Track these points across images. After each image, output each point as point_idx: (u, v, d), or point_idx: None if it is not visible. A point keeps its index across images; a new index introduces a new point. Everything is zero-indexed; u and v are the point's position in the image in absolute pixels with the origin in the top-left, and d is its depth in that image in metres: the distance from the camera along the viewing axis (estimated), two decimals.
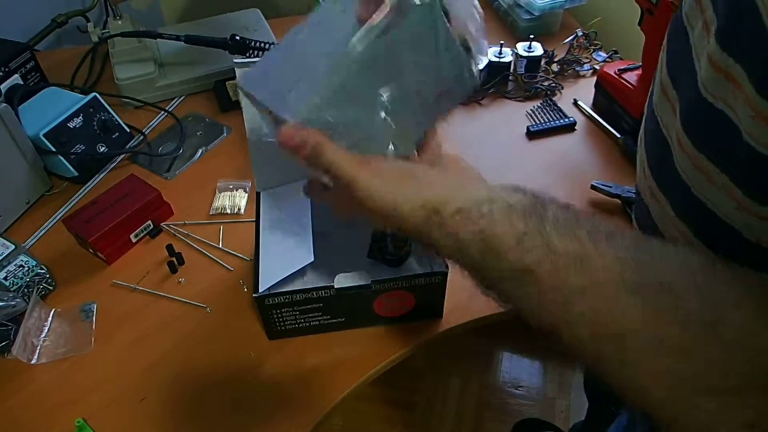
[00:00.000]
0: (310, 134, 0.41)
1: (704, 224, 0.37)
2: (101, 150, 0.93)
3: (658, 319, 0.31)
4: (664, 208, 0.42)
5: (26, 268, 0.75)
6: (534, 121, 0.99)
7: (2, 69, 0.96)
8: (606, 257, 0.34)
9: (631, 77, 0.93)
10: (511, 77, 1.06)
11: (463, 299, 0.72)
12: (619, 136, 0.93)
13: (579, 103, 1.01)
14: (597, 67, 1.06)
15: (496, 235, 0.37)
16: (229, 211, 0.86)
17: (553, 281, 0.35)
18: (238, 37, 1.01)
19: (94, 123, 0.93)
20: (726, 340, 0.29)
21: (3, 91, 0.94)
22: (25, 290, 0.74)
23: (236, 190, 0.88)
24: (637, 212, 0.49)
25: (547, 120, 0.98)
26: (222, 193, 0.88)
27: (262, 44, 1.03)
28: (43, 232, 0.86)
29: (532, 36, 1.05)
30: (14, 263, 0.75)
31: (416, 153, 0.50)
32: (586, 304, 0.33)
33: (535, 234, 0.36)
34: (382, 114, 0.46)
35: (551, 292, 0.35)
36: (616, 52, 1.08)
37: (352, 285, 0.64)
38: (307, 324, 0.69)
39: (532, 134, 0.97)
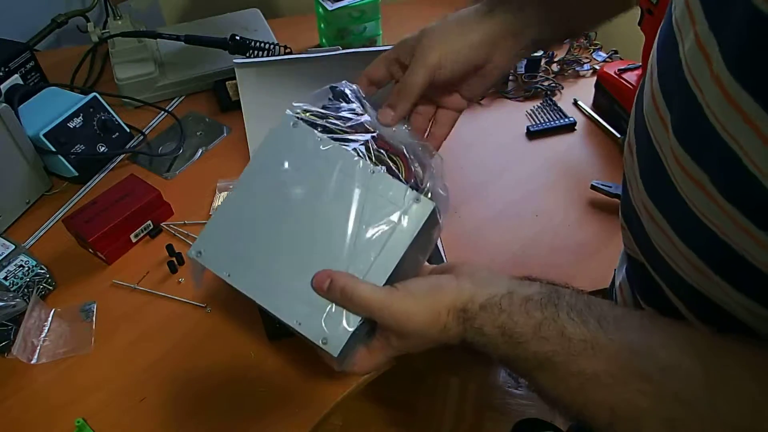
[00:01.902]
0: (337, 277, 0.45)
1: (705, 244, 0.37)
2: (101, 150, 0.93)
3: (667, 402, 0.34)
4: (657, 220, 0.41)
5: (26, 268, 0.75)
6: (534, 121, 0.99)
7: (2, 69, 0.96)
8: (615, 343, 0.37)
9: (631, 77, 0.93)
10: (511, 77, 1.06)
11: None
12: (619, 136, 0.93)
13: (579, 103, 1.01)
14: (597, 67, 1.06)
15: (516, 327, 0.40)
16: None
17: (570, 367, 0.37)
18: (238, 37, 1.01)
19: (94, 123, 0.93)
20: (733, 417, 0.32)
21: (3, 91, 0.94)
22: (25, 290, 0.74)
23: None
24: (634, 230, 0.48)
25: (547, 120, 0.98)
26: (222, 193, 0.88)
27: (262, 44, 1.03)
28: (43, 232, 0.86)
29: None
30: (14, 263, 0.75)
31: None
32: (601, 391, 0.36)
33: (550, 322, 0.39)
34: None
35: (570, 378, 0.37)
36: (616, 52, 1.08)
37: None
38: None
39: (532, 134, 0.97)
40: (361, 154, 0.50)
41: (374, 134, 0.51)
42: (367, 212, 0.48)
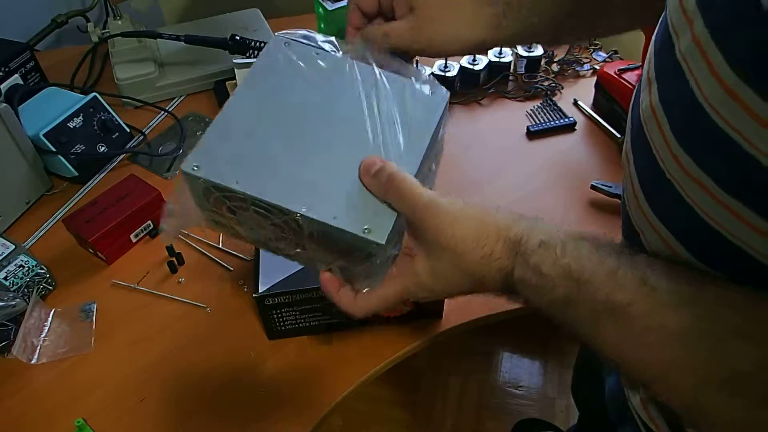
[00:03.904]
0: (387, 163, 0.41)
1: (712, 249, 0.35)
2: (101, 150, 0.93)
3: None
4: (660, 233, 0.40)
5: (26, 268, 0.75)
6: (534, 121, 0.99)
7: (2, 69, 0.96)
8: (708, 299, 0.32)
9: (631, 77, 0.92)
10: (511, 77, 1.06)
11: (463, 299, 0.72)
12: (619, 136, 0.93)
13: (579, 103, 1.01)
14: (597, 67, 1.06)
15: (585, 270, 0.35)
16: None
17: (651, 321, 0.32)
18: (238, 37, 1.01)
19: (94, 123, 0.93)
20: None
21: (3, 91, 0.94)
22: (25, 290, 0.74)
23: None
24: (627, 233, 0.46)
25: (547, 120, 0.98)
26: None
27: (262, 44, 1.03)
28: (43, 232, 0.86)
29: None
30: (14, 263, 0.75)
31: None
32: (688, 351, 0.31)
33: (628, 269, 0.34)
34: None
35: (647, 333, 0.32)
36: (616, 52, 1.08)
37: None
38: (307, 324, 0.69)
39: (532, 134, 0.97)
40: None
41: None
42: (383, 108, 0.45)
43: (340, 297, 0.44)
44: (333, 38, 0.50)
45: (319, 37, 0.50)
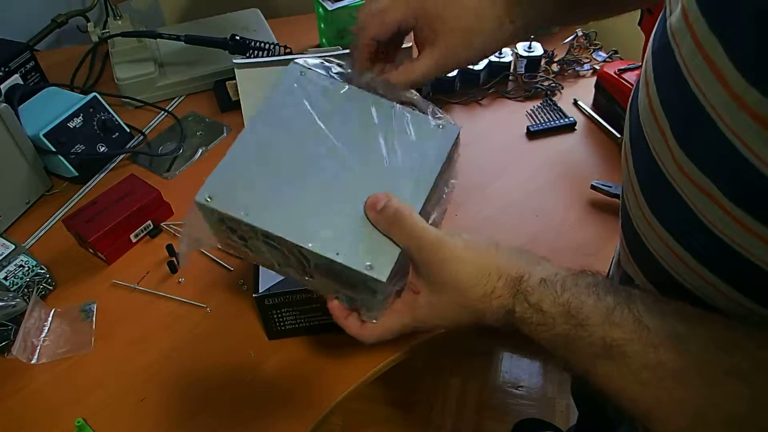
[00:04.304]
0: (394, 199, 0.42)
1: (715, 254, 0.35)
2: (101, 150, 0.93)
3: (765, 403, 0.30)
4: (660, 234, 0.40)
5: (26, 268, 0.75)
6: (534, 121, 0.99)
7: (2, 69, 0.96)
8: (701, 340, 0.33)
9: (631, 77, 0.92)
10: (511, 77, 1.06)
11: None
12: (619, 136, 0.93)
13: (579, 103, 1.01)
14: (597, 67, 1.06)
15: (583, 307, 0.36)
16: None
17: (646, 359, 0.33)
18: (238, 37, 1.01)
19: (94, 123, 0.93)
20: None
21: (3, 91, 0.94)
22: (25, 290, 0.74)
23: None
24: (633, 248, 0.46)
25: (547, 120, 0.98)
26: None
27: (262, 44, 1.03)
28: (43, 232, 0.86)
29: (532, 36, 1.05)
30: (14, 263, 0.75)
31: None
32: (683, 389, 0.32)
33: (624, 308, 0.35)
34: None
35: (643, 371, 0.33)
36: (616, 52, 1.08)
37: None
38: (307, 324, 0.69)
39: (532, 134, 0.97)
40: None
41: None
42: (394, 143, 0.46)
43: (348, 324, 0.46)
44: (347, 65, 0.51)
45: (335, 67, 0.51)
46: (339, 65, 0.51)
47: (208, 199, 0.44)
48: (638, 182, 0.42)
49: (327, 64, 0.51)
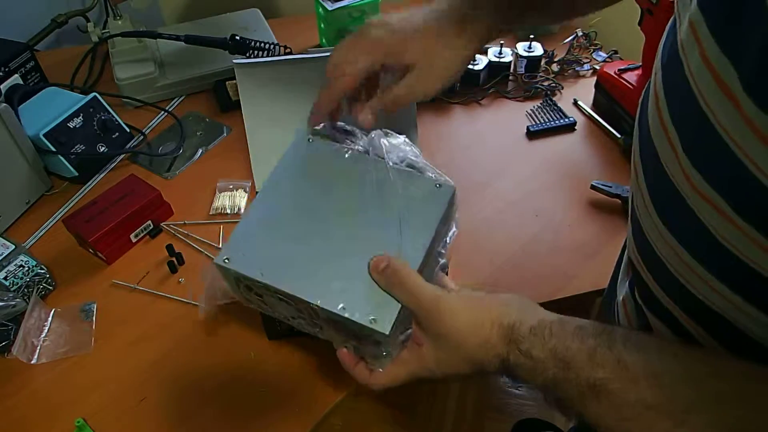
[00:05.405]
0: (394, 261, 0.46)
1: (723, 265, 0.36)
2: (101, 150, 0.93)
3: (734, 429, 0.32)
4: (670, 243, 0.40)
5: (26, 268, 0.75)
6: (534, 121, 0.99)
7: (2, 69, 0.96)
8: (675, 375, 0.35)
9: (631, 77, 0.93)
10: (511, 77, 1.06)
11: None
12: (619, 136, 0.93)
13: (579, 103, 1.01)
14: (597, 67, 1.06)
15: (568, 351, 0.39)
16: (229, 211, 0.86)
17: (627, 396, 0.36)
18: (238, 37, 1.01)
19: (94, 123, 0.93)
20: None
21: (3, 91, 0.94)
22: (25, 290, 0.74)
23: (236, 190, 0.88)
24: (644, 254, 0.47)
25: (547, 120, 0.98)
26: (222, 193, 0.88)
27: (262, 44, 1.03)
28: (43, 232, 0.86)
29: (532, 36, 1.05)
30: (14, 263, 0.75)
31: None
32: (663, 423, 0.34)
33: (605, 350, 0.37)
34: None
35: (624, 407, 0.36)
36: (616, 52, 1.08)
37: None
38: None
39: (532, 134, 0.97)
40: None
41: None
42: (393, 205, 0.51)
43: (356, 372, 0.50)
44: (355, 128, 0.57)
45: (342, 130, 0.58)
46: (347, 133, 0.57)
47: (227, 261, 0.49)
48: (648, 192, 0.42)
49: (336, 125, 0.58)
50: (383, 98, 0.56)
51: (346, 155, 0.54)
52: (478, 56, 1.03)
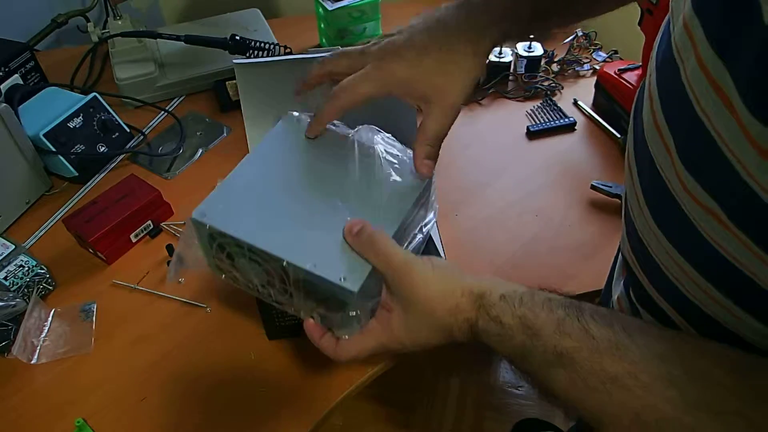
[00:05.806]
0: (369, 226, 0.46)
1: (717, 270, 0.36)
2: (101, 150, 0.93)
3: (692, 409, 0.32)
4: (664, 245, 0.40)
5: (26, 268, 0.75)
6: (534, 121, 0.99)
7: (2, 69, 0.96)
8: (641, 348, 0.36)
9: (631, 77, 0.93)
10: (511, 77, 1.06)
11: None
12: (619, 136, 0.93)
13: (579, 103, 1.01)
14: (597, 67, 1.06)
15: (537, 319, 0.39)
16: None
17: (593, 365, 0.36)
18: (238, 37, 1.01)
19: (94, 123, 0.93)
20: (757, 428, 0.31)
21: (3, 91, 0.94)
22: (25, 290, 0.74)
23: None
24: (638, 254, 0.47)
25: (547, 120, 0.98)
26: None
27: (262, 44, 1.03)
28: (43, 232, 0.86)
29: (532, 36, 1.05)
30: (14, 263, 0.75)
31: None
32: (624, 393, 0.35)
33: (573, 320, 0.38)
34: None
35: (590, 377, 0.36)
36: (616, 52, 1.08)
37: None
38: None
39: (532, 134, 0.97)
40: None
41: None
42: (373, 175, 0.52)
43: (322, 343, 0.50)
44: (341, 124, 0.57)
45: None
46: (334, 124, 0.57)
47: (203, 215, 0.50)
48: (643, 194, 0.42)
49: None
50: (424, 142, 0.53)
51: (332, 132, 0.56)
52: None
